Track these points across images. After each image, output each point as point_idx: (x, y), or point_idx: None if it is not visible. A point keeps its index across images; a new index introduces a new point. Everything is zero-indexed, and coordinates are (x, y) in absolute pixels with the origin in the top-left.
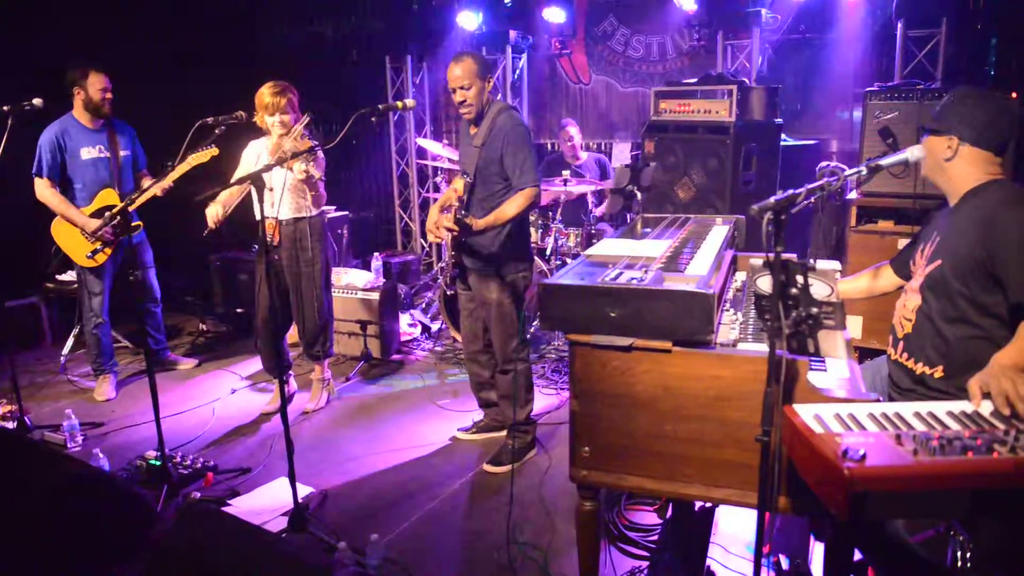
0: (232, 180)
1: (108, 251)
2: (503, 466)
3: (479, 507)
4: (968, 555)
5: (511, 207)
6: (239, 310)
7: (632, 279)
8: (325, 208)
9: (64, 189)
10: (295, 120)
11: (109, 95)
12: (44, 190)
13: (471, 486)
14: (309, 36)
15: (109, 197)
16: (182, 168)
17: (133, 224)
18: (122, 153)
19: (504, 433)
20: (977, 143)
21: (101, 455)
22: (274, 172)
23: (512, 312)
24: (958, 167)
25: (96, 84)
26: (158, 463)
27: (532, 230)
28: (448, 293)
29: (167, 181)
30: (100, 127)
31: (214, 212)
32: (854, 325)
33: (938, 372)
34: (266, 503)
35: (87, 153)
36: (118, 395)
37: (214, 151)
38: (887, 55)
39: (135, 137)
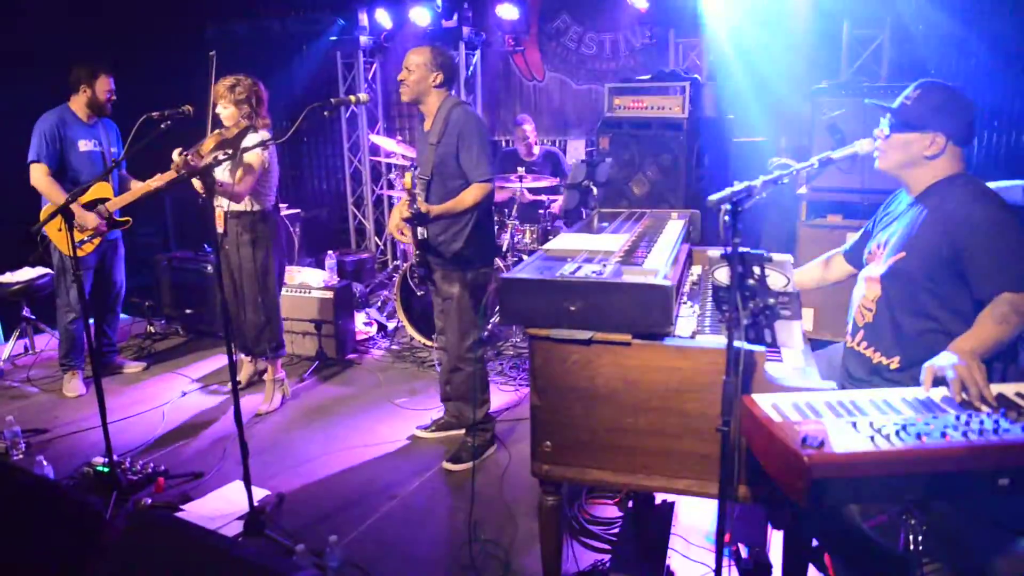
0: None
1: (96, 241)
2: (463, 464)
3: (439, 506)
4: (920, 539)
5: (465, 198)
6: (188, 311)
7: (591, 272)
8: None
9: (59, 179)
10: (249, 116)
11: (113, 97)
12: (41, 176)
13: (431, 485)
14: (257, 30)
15: (102, 190)
16: (170, 175)
17: (122, 219)
18: (111, 149)
19: (463, 431)
20: (960, 142)
21: (45, 463)
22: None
23: (471, 309)
24: (937, 164)
25: (103, 85)
26: (106, 469)
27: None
28: (419, 294)
29: (159, 181)
30: (93, 123)
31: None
32: (805, 317)
33: (894, 363)
34: (220, 507)
35: (84, 145)
36: (89, 391)
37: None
38: (834, 54)
39: (119, 136)
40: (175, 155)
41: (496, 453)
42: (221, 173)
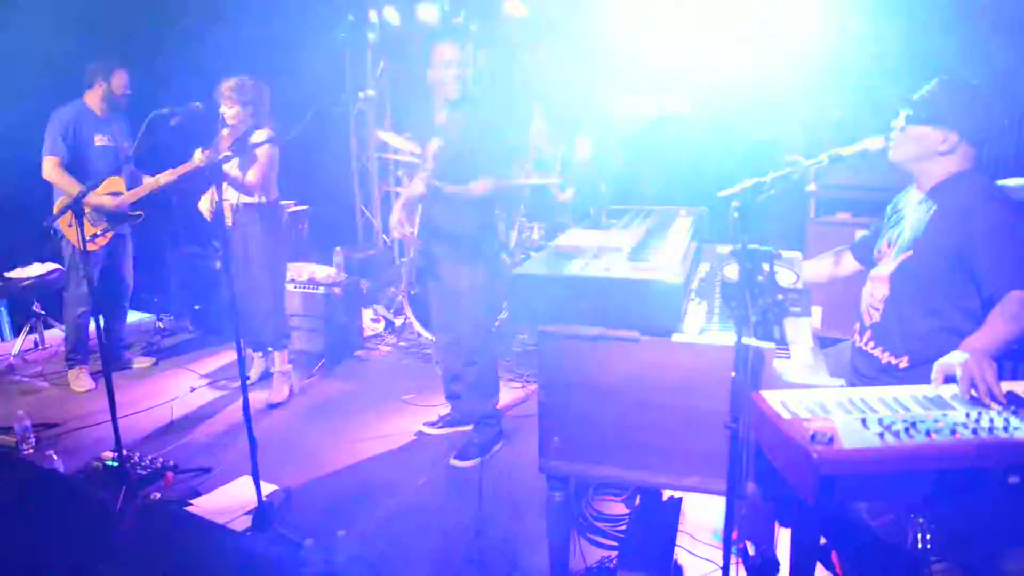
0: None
1: (109, 235)
2: (470, 460)
3: (446, 501)
4: (928, 537)
5: (479, 186)
6: (197, 307)
7: (600, 269)
8: (283, 203)
9: (73, 174)
10: (251, 114)
11: (129, 91)
12: (53, 170)
13: (438, 481)
14: (264, 27)
15: (114, 184)
16: (182, 169)
17: (134, 212)
18: (125, 145)
19: (470, 426)
20: (974, 142)
21: (56, 457)
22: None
23: (482, 301)
24: (948, 160)
25: (119, 80)
26: (115, 464)
27: (499, 224)
28: (412, 292)
29: (171, 175)
30: (108, 118)
31: (206, 205)
32: (814, 314)
33: (903, 362)
34: (229, 502)
35: (99, 140)
36: (98, 386)
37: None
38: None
39: (133, 132)
40: (197, 153)
41: (504, 449)
42: (230, 168)
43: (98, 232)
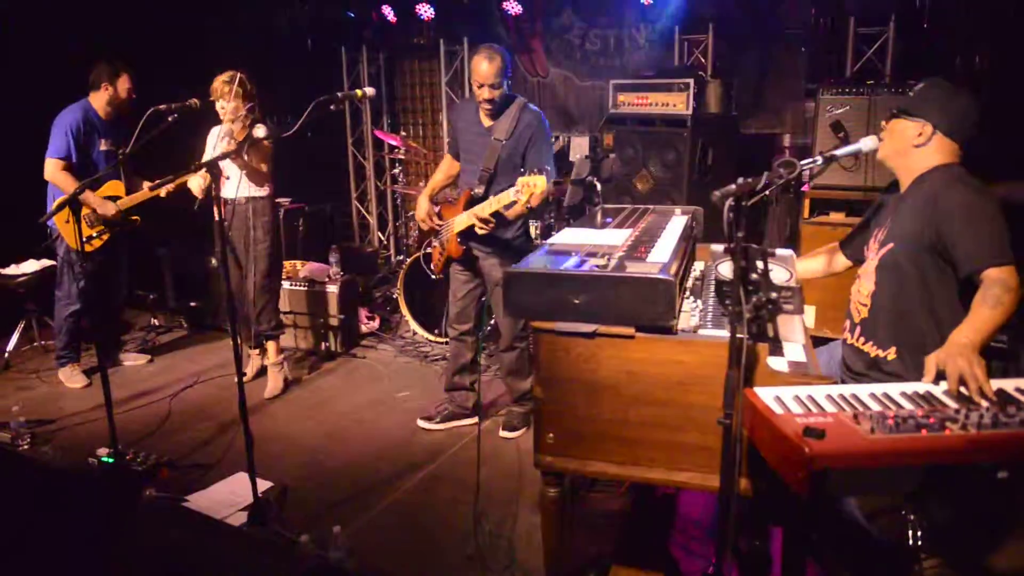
0: (192, 167)
1: (106, 236)
2: (517, 431)
3: (443, 497)
4: (919, 532)
5: (537, 197)
6: (192, 304)
7: (595, 266)
8: (280, 201)
9: (78, 175)
10: (251, 109)
11: (134, 95)
12: (58, 171)
13: (434, 476)
14: (262, 24)
15: (115, 188)
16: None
17: (132, 217)
18: (124, 150)
19: (467, 421)
20: (949, 133)
21: (51, 454)
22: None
23: None
24: (924, 153)
25: (125, 83)
26: (111, 460)
27: None
28: (434, 277)
29: (171, 186)
30: (112, 121)
31: (198, 183)
32: (807, 314)
33: (891, 354)
34: (225, 498)
35: (103, 145)
36: (91, 383)
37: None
38: (838, 51)
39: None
40: (221, 145)
41: (500, 445)
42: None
43: (94, 234)
